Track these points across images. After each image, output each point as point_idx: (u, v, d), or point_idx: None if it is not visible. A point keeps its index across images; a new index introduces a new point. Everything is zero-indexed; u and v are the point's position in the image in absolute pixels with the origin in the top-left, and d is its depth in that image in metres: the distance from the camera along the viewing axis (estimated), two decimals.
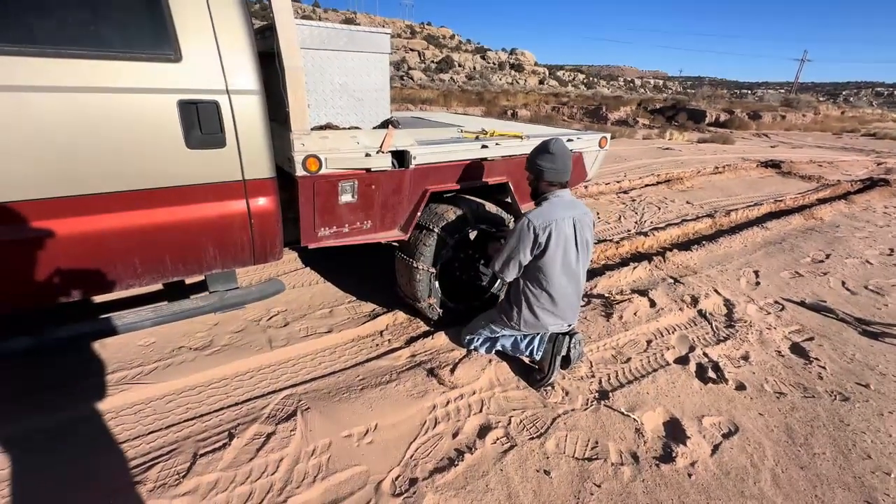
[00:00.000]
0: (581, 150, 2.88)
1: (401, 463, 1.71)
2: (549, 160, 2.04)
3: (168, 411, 1.91)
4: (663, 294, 3.09)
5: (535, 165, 2.07)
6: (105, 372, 2.12)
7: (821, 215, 5.22)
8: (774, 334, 2.69)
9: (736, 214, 5.11)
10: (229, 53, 1.59)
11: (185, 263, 1.76)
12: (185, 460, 1.65)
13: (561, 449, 1.81)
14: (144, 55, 1.48)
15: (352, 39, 2.27)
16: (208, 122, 1.59)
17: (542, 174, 2.06)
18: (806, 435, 1.92)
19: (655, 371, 2.30)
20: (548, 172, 2.05)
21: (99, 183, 1.50)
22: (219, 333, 2.47)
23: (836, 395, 2.18)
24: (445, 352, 2.38)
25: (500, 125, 3.28)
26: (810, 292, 3.29)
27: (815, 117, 22.73)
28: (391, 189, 2.17)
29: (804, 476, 1.72)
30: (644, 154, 9.28)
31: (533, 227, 1.97)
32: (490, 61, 54.96)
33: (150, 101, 1.51)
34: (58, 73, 1.36)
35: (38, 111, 1.35)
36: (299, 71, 1.75)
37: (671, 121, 19.92)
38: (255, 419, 1.87)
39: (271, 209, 1.84)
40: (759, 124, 19.71)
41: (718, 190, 6.49)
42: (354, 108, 2.46)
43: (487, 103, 22.68)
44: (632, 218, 4.97)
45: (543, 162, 2.04)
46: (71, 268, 1.54)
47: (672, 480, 1.68)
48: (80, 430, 1.79)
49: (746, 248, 4.13)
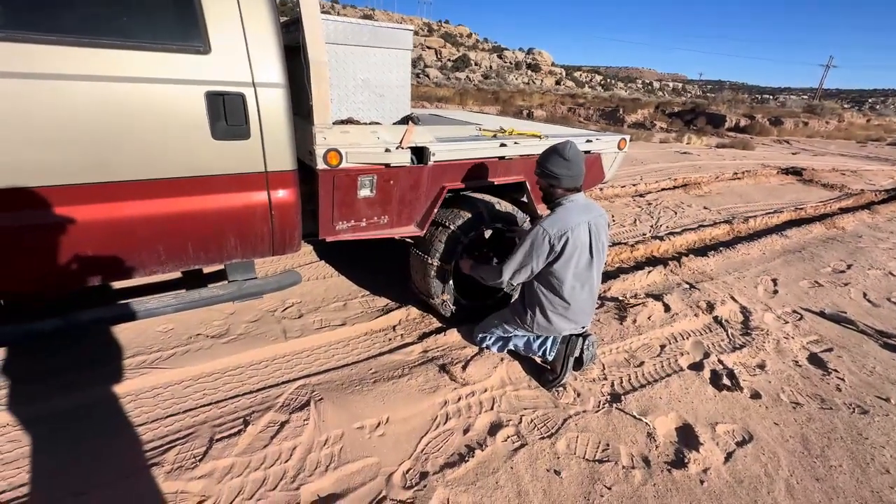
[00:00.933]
0: (599, 151, 2.86)
1: (412, 456, 1.72)
2: (564, 167, 1.95)
3: (185, 396, 1.95)
4: (678, 299, 3.05)
5: (550, 172, 1.98)
6: (125, 356, 2.17)
7: (843, 225, 5.11)
8: (792, 344, 2.64)
9: (755, 221, 5.03)
10: (256, 46, 1.61)
11: (207, 252, 1.79)
12: (202, 444, 1.69)
13: (572, 450, 1.80)
14: (174, 47, 1.51)
15: (375, 35, 2.28)
16: (234, 114, 1.62)
17: (560, 181, 1.98)
18: (822, 447, 1.89)
19: (669, 376, 2.28)
20: (564, 180, 1.97)
21: (127, 171, 1.53)
22: (235, 322, 2.51)
23: (854, 408, 2.13)
24: (458, 349, 2.39)
25: (517, 124, 3.27)
26: (830, 302, 3.22)
27: (839, 125, 22.17)
28: (409, 185, 2.18)
29: (820, 488, 1.70)
30: (661, 158, 9.17)
31: (548, 235, 1.92)
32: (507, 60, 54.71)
33: (178, 91, 1.54)
34: (91, 62, 1.39)
35: (70, 99, 1.39)
36: (324, 65, 1.77)
37: (689, 125, 19.61)
38: (269, 407, 1.90)
39: (292, 201, 1.86)
40: (780, 130, 19.30)
41: (737, 196, 6.38)
42: (375, 104, 2.47)
43: (503, 103, 22.61)
44: (647, 222, 4.92)
45: (559, 169, 1.96)
46: (99, 252, 1.58)
47: (684, 486, 1.67)
48: (101, 411, 1.84)
49: (765, 255, 4.06)
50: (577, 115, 20.95)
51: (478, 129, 2.71)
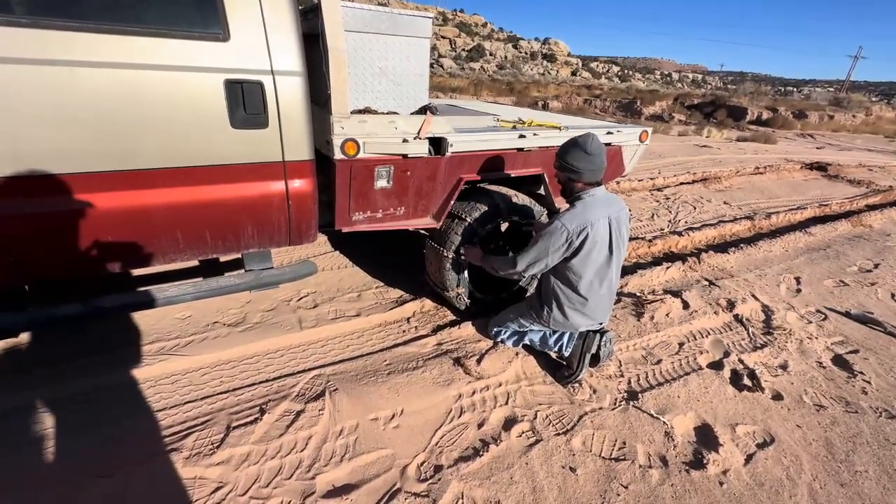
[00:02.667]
0: (620, 143, 2.79)
1: (426, 449, 1.72)
2: (586, 161, 1.89)
3: (203, 383, 1.98)
4: (697, 296, 2.99)
5: (571, 166, 1.93)
6: (145, 342, 2.20)
7: (870, 222, 4.94)
8: (816, 344, 2.57)
9: (777, 217, 4.89)
10: (275, 34, 1.59)
11: (225, 240, 1.80)
12: (219, 431, 1.71)
13: (587, 447, 1.78)
14: (194, 34, 1.50)
15: (394, 23, 2.24)
16: (252, 103, 1.60)
17: (581, 176, 1.93)
18: (847, 451, 1.84)
19: (687, 375, 2.23)
20: (585, 174, 1.92)
21: (147, 159, 1.53)
22: (251, 311, 2.53)
23: (881, 412, 2.07)
24: (472, 342, 2.37)
25: (536, 115, 3.21)
26: (856, 303, 3.12)
27: (867, 118, 21.42)
28: (426, 176, 2.15)
29: (844, 493, 1.65)
30: (679, 151, 8.96)
31: (567, 230, 1.88)
32: (522, 51, 53.91)
33: (198, 79, 1.53)
34: (111, 49, 1.39)
35: (90, 86, 1.39)
36: (342, 53, 1.75)
37: (709, 117, 19.14)
38: (285, 396, 1.91)
39: (309, 191, 1.85)
40: (804, 124, 18.72)
41: (758, 191, 6.21)
42: (393, 93, 2.44)
43: (518, 93, 22.32)
44: (665, 217, 4.82)
45: (580, 163, 1.90)
46: (119, 239, 1.59)
47: (702, 487, 1.64)
48: (120, 396, 1.87)
49: (787, 253, 3.94)
50: (593, 107, 20.59)
51: (495, 120, 2.67)
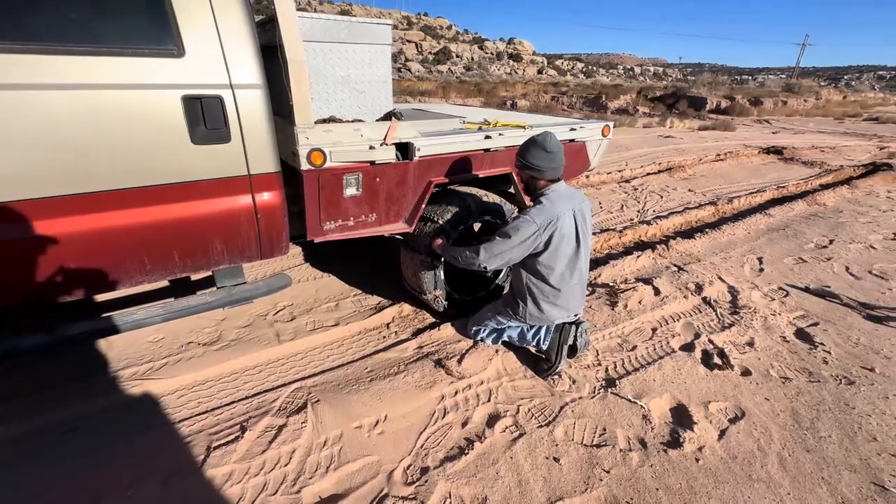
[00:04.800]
0: (584, 139, 2.87)
1: (412, 452, 1.73)
2: (547, 159, 1.95)
3: (180, 406, 1.93)
4: (667, 282, 3.09)
5: (532, 165, 1.98)
6: (115, 368, 2.14)
7: (824, 201, 5.21)
8: (779, 320, 2.70)
9: (738, 201, 5.10)
10: (232, 47, 1.58)
11: (193, 259, 1.77)
12: (199, 453, 1.68)
13: (569, 436, 1.83)
14: (147, 51, 1.47)
15: (352, 31, 2.25)
16: (213, 118, 1.59)
17: (542, 174, 1.99)
18: (812, 419, 1.94)
19: (661, 358, 2.31)
20: (546, 172, 1.98)
21: (105, 180, 1.50)
22: (227, 329, 2.48)
23: (841, 379, 2.19)
24: (452, 343, 2.40)
25: (501, 115, 3.26)
26: (814, 278, 3.29)
27: (817, 102, 22.53)
28: (395, 181, 2.17)
29: (811, 459, 1.74)
30: (645, 143, 9.23)
31: (535, 224, 1.92)
32: (488, 52, 54.46)
33: (154, 97, 1.50)
34: (61, 70, 1.36)
35: (41, 109, 1.35)
36: (302, 64, 1.75)
37: (672, 108, 19.77)
38: (266, 412, 1.89)
39: (277, 203, 1.84)
40: (760, 110, 19.55)
41: (720, 177, 6.46)
42: (357, 101, 2.44)
43: (486, 94, 22.52)
44: (634, 207, 4.96)
45: (541, 161, 1.96)
46: (80, 265, 1.55)
47: (680, 465, 1.70)
48: (92, 426, 1.81)
49: (750, 234, 4.12)
50: (560, 104, 20.98)
51: (462, 122, 2.70)
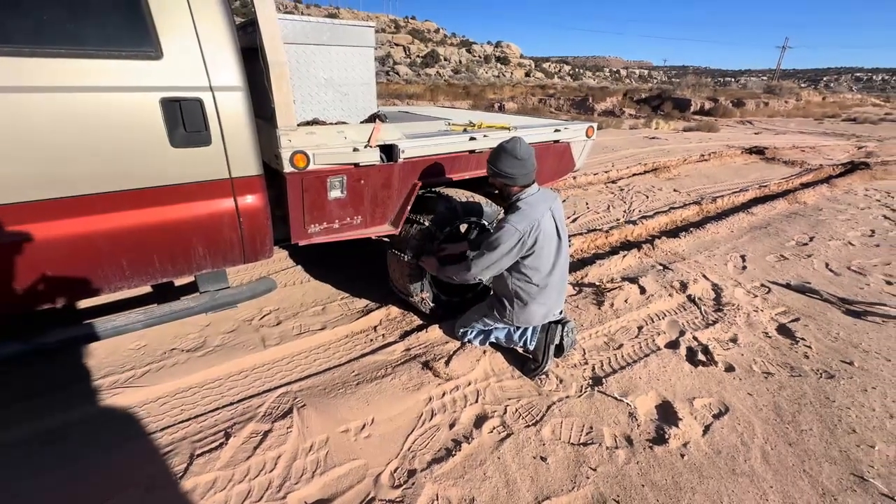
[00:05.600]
0: (569, 140, 2.90)
1: (399, 455, 1.72)
2: (519, 166, 1.94)
3: (162, 413, 1.90)
4: (653, 281, 3.13)
5: (504, 173, 1.96)
6: (96, 377, 2.09)
7: (804, 199, 5.32)
8: (761, 316, 2.74)
9: (722, 201, 5.19)
10: (211, 50, 1.57)
11: (175, 264, 1.74)
12: (182, 461, 1.65)
13: (557, 435, 1.83)
14: (125, 53, 1.45)
15: (335, 33, 2.24)
16: (192, 120, 1.57)
17: (515, 181, 1.97)
18: (793, 412, 1.97)
19: (647, 356, 2.33)
20: (519, 178, 1.97)
21: (83, 185, 1.47)
22: (211, 334, 2.45)
23: (821, 374, 2.23)
24: (440, 344, 2.39)
25: (487, 118, 3.28)
26: (795, 274, 3.36)
27: (797, 103, 23.03)
28: (380, 183, 2.16)
29: (793, 452, 1.77)
30: (631, 144, 9.35)
31: (518, 231, 1.91)
32: (476, 55, 54.73)
33: (132, 99, 1.48)
34: (37, 72, 1.33)
35: (16, 112, 1.32)
36: (283, 66, 1.73)
37: (657, 110, 20.05)
38: (251, 418, 1.86)
39: (260, 207, 1.82)
40: (742, 111, 19.93)
41: (704, 177, 6.57)
42: (340, 103, 2.44)
43: (474, 97, 22.64)
44: (620, 207, 5.02)
45: (512, 168, 1.95)
46: (57, 271, 1.52)
47: (665, 461, 1.71)
48: (72, 436, 1.77)
49: (733, 233, 4.19)
50: (548, 106, 21.14)
51: (447, 124, 2.71)
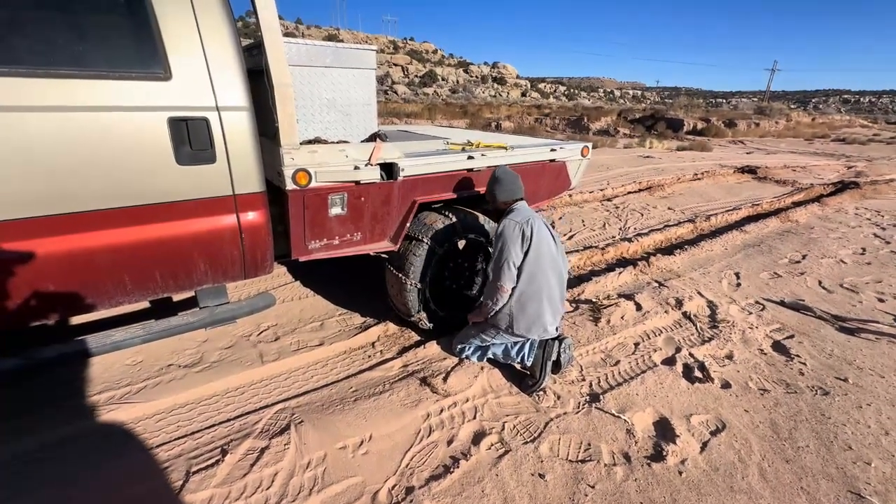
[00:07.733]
0: (564, 159, 2.96)
1: (397, 472, 1.71)
2: (498, 184, 2.28)
3: (158, 430, 1.88)
4: (649, 297, 3.16)
5: (490, 193, 2.33)
6: (92, 393, 2.08)
7: (796, 218, 5.40)
8: (756, 333, 2.77)
9: (716, 219, 5.26)
10: (218, 71, 1.62)
11: (176, 279, 1.76)
12: (178, 478, 1.63)
13: (555, 452, 1.83)
14: (135, 74, 1.50)
15: (338, 56, 2.32)
16: (198, 139, 1.61)
17: (496, 196, 2.29)
18: (790, 429, 1.98)
19: (644, 372, 2.34)
20: (500, 193, 2.28)
21: (90, 201, 1.50)
22: (209, 350, 2.44)
23: (816, 390, 2.25)
24: (437, 361, 2.40)
25: (484, 137, 3.35)
26: (789, 292, 3.39)
27: (788, 124, 23.55)
28: (380, 201, 2.20)
29: (790, 469, 1.77)
30: (625, 162, 9.50)
31: (516, 223, 2.12)
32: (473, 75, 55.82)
33: (140, 118, 1.52)
34: (50, 92, 1.37)
35: (29, 131, 1.36)
36: (288, 87, 1.79)
37: (651, 130, 20.42)
38: (247, 434, 1.85)
39: (261, 223, 1.85)
40: (734, 132, 20.33)
41: (698, 196, 6.67)
42: (342, 123, 2.50)
43: (471, 116, 23.01)
44: (616, 225, 5.08)
45: (494, 187, 2.30)
46: (61, 286, 1.53)
47: (664, 479, 1.71)
48: (68, 452, 1.75)
49: (727, 250, 4.25)
50: (544, 126, 21.50)
51: (445, 143, 2.77)
